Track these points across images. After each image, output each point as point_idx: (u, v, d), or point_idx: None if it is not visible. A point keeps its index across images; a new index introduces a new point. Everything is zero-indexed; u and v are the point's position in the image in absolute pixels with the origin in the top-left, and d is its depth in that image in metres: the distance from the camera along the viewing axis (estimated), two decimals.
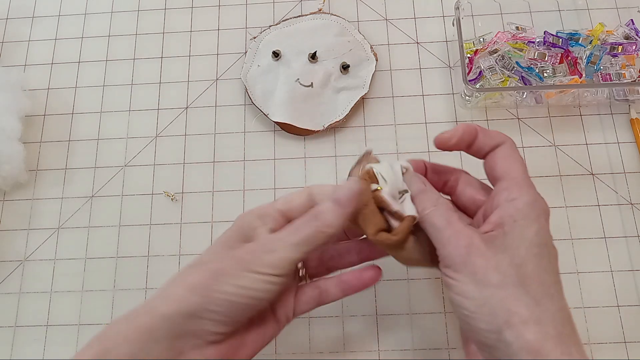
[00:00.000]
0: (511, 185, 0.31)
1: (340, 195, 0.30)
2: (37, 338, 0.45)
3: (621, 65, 0.48)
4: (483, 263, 0.28)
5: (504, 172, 0.31)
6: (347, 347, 0.43)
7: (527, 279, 0.28)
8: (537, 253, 0.29)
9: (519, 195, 0.30)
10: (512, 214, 0.29)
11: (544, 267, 0.29)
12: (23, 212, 0.49)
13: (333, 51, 0.51)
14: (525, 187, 0.30)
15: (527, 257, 0.28)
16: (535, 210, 0.30)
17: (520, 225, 0.29)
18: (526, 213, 0.29)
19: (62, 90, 0.53)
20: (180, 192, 0.49)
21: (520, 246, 0.29)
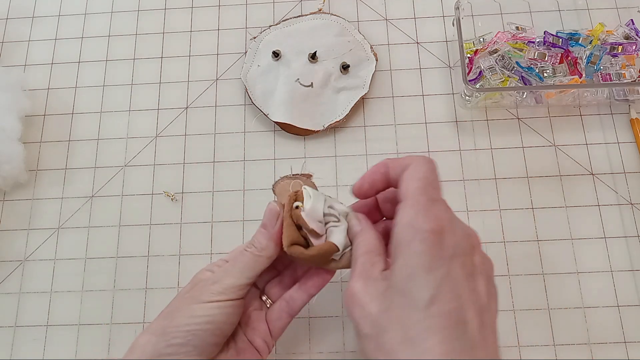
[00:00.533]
0: (399, 208, 0.28)
1: (265, 221, 0.34)
2: (37, 338, 0.45)
3: (621, 65, 0.48)
4: (359, 313, 0.27)
5: (400, 195, 0.29)
6: (347, 347, 0.43)
7: (389, 325, 0.25)
8: (401, 289, 0.25)
9: (399, 220, 0.27)
10: (392, 243, 0.27)
11: (407, 307, 0.25)
12: (23, 212, 0.49)
13: (333, 51, 0.51)
14: (408, 207, 0.27)
15: (392, 298, 0.26)
16: (408, 234, 0.26)
17: (394, 257, 0.27)
18: (399, 240, 0.27)
19: (62, 90, 0.53)
20: (180, 192, 0.49)
21: (389, 285, 0.26)
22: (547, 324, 0.43)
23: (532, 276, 0.45)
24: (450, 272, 0.25)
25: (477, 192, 0.47)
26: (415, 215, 0.27)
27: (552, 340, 0.43)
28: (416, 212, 0.27)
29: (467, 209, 0.47)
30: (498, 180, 0.47)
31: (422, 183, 0.28)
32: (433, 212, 0.27)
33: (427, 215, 0.27)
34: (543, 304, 0.44)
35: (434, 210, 0.27)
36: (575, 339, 0.43)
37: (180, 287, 0.46)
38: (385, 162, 0.32)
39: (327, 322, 0.44)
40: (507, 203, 0.47)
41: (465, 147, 0.49)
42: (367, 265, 0.29)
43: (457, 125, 0.50)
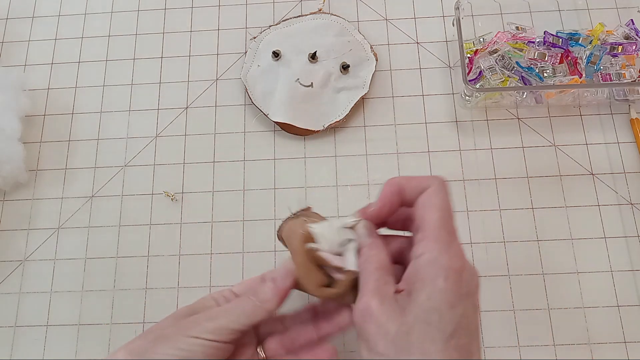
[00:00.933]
0: (421, 239, 0.29)
1: (276, 275, 0.33)
2: (37, 338, 0.45)
3: (621, 65, 0.48)
4: (374, 330, 0.28)
5: (420, 223, 0.30)
6: (347, 347, 0.43)
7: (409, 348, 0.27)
8: (424, 319, 0.27)
9: (423, 252, 0.28)
10: (414, 273, 0.28)
11: (430, 336, 0.27)
12: (23, 212, 0.49)
13: (333, 51, 0.51)
14: (431, 241, 0.29)
15: (414, 324, 0.27)
16: (433, 269, 0.28)
17: (417, 288, 0.28)
18: (424, 274, 0.28)
19: (62, 90, 0.53)
20: (180, 192, 0.49)
21: (411, 312, 0.27)
22: (547, 324, 0.43)
23: (532, 276, 0.45)
24: (465, 310, 0.27)
25: (477, 192, 0.47)
26: (439, 252, 0.28)
27: (552, 340, 0.43)
28: (439, 249, 0.28)
29: (467, 209, 0.47)
30: (498, 180, 0.47)
31: (442, 214, 0.29)
32: (454, 249, 0.28)
33: (449, 253, 0.28)
34: (543, 304, 0.44)
35: (455, 247, 0.29)
36: (575, 339, 0.43)
37: (180, 287, 0.46)
38: (398, 182, 0.31)
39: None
40: (507, 203, 0.47)
41: (465, 147, 0.49)
42: (381, 282, 0.30)
43: (457, 125, 0.50)
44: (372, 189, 0.48)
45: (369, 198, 0.47)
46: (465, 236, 0.46)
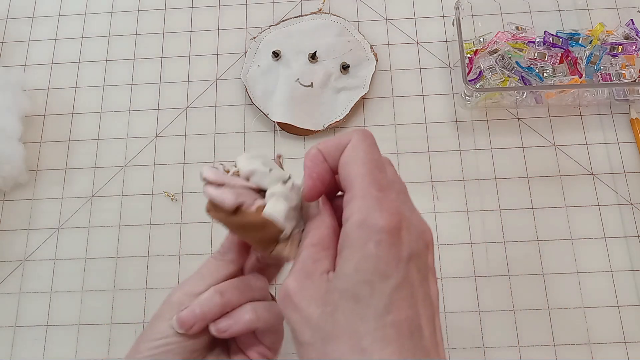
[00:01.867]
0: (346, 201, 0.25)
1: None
2: (37, 338, 0.45)
3: (621, 65, 0.48)
4: (295, 318, 0.24)
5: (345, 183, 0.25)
6: None
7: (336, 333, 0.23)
8: (353, 295, 0.23)
9: (349, 215, 0.24)
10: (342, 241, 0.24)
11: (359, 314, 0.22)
12: (23, 212, 0.49)
13: (333, 51, 0.51)
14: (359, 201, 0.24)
15: (339, 303, 0.23)
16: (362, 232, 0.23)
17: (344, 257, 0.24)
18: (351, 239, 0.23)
19: (62, 90, 0.53)
20: (180, 192, 0.49)
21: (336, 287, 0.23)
22: (547, 324, 0.43)
23: (532, 276, 0.45)
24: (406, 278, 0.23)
25: (477, 192, 0.47)
26: (367, 210, 0.23)
27: (552, 340, 0.43)
28: (368, 207, 0.23)
29: (467, 209, 0.47)
30: (498, 180, 0.47)
31: (367, 168, 0.25)
32: (386, 204, 0.24)
33: (381, 211, 0.23)
34: (543, 304, 0.44)
35: (387, 202, 0.24)
36: (575, 339, 0.43)
37: None
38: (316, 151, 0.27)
39: None
40: (507, 203, 0.47)
41: (465, 147, 0.49)
42: (308, 261, 0.25)
43: (457, 125, 0.50)
44: None
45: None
46: (465, 236, 0.46)
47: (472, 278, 0.45)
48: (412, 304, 0.23)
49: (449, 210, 0.47)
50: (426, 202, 0.47)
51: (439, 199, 0.47)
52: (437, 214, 0.46)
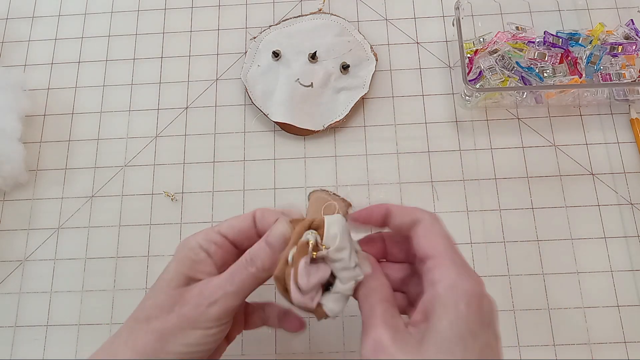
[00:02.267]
0: (432, 267, 0.28)
1: (271, 239, 0.30)
2: (37, 338, 0.45)
3: (621, 65, 0.48)
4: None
5: (427, 252, 0.28)
6: (347, 347, 0.43)
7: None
8: (448, 349, 0.25)
9: (439, 279, 0.27)
10: (431, 301, 0.27)
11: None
12: (23, 212, 0.49)
13: (333, 51, 0.51)
14: (447, 267, 0.27)
15: (435, 355, 0.25)
16: (454, 294, 0.26)
17: (436, 316, 0.26)
18: (444, 300, 0.26)
19: (62, 90, 0.53)
20: (180, 192, 0.49)
21: (432, 341, 0.25)
22: (547, 324, 0.43)
23: (532, 276, 0.45)
24: (489, 340, 0.26)
25: (477, 192, 0.47)
26: (458, 276, 0.27)
27: (552, 340, 0.43)
28: (458, 273, 0.27)
29: (467, 209, 0.47)
30: (498, 180, 0.47)
31: (449, 242, 0.29)
32: (472, 273, 0.27)
33: (469, 277, 0.27)
34: (543, 304, 0.44)
35: (473, 273, 0.27)
36: (575, 339, 0.43)
37: None
38: (388, 207, 0.31)
39: (327, 322, 0.44)
40: (507, 203, 0.47)
41: (465, 147, 0.49)
42: (387, 315, 0.28)
43: (457, 125, 0.50)
44: (372, 189, 0.48)
45: (369, 198, 0.47)
46: (465, 236, 0.46)
47: None
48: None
49: (449, 210, 0.47)
50: (426, 202, 0.47)
51: (439, 199, 0.47)
52: (437, 214, 0.46)
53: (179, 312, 0.30)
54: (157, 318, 0.30)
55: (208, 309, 0.29)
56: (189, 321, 0.29)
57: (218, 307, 0.29)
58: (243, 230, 0.32)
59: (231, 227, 0.32)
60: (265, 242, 0.31)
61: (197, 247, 0.32)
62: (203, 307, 0.29)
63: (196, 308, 0.30)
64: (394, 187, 0.48)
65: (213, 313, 0.29)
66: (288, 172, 0.49)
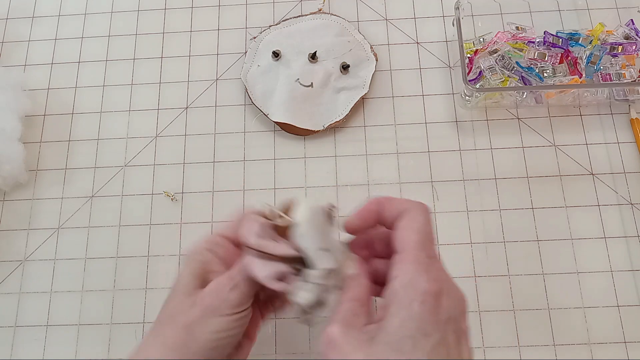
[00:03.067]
0: (396, 262, 0.28)
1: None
2: (37, 338, 0.45)
3: (621, 65, 0.48)
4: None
5: (397, 245, 0.29)
6: None
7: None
8: (396, 348, 0.25)
9: (398, 274, 0.27)
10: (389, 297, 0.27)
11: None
12: (23, 212, 0.49)
13: (333, 51, 0.51)
14: (408, 263, 0.27)
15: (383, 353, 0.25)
16: (408, 292, 0.26)
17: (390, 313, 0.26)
18: (398, 297, 0.26)
19: (62, 90, 0.53)
20: (180, 192, 0.49)
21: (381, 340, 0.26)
22: (547, 324, 0.43)
23: (532, 276, 0.45)
24: (444, 338, 0.26)
25: (477, 192, 0.47)
26: (416, 274, 0.27)
27: (552, 340, 0.43)
28: (416, 270, 0.27)
29: (467, 209, 0.47)
30: (498, 180, 0.47)
31: (421, 237, 0.28)
32: (433, 272, 0.27)
33: (427, 275, 0.27)
34: (543, 304, 0.44)
35: (434, 270, 0.27)
36: (575, 339, 0.43)
37: None
38: (379, 200, 0.31)
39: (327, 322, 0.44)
40: (507, 203, 0.47)
41: (465, 147, 0.49)
42: (349, 313, 0.28)
43: (457, 125, 0.50)
44: (372, 189, 0.48)
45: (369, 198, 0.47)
46: (465, 236, 0.46)
47: (472, 278, 0.45)
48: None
49: (449, 210, 0.47)
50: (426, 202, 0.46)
51: (439, 199, 0.47)
52: (437, 214, 0.46)
53: (201, 303, 0.31)
54: (181, 313, 0.31)
55: (229, 294, 0.31)
56: (212, 309, 0.30)
57: (239, 290, 0.31)
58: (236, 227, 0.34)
59: (227, 228, 0.34)
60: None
61: (202, 250, 0.33)
62: (224, 293, 0.31)
63: (218, 295, 0.31)
64: (394, 187, 0.48)
65: (234, 298, 0.30)
66: (288, 172, 0.49)
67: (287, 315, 0.44)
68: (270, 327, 0.44)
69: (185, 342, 0.30)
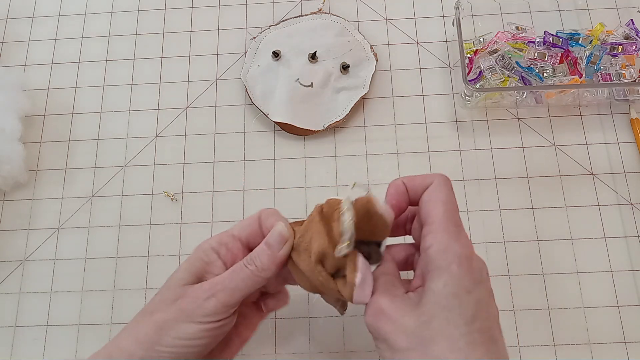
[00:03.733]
0: (428, 232, 0.30)
1: (270, 240, 0.32)
2: (37, 338, 0.45)
3: (621, 65, 0.48)
4: (390, 329, 0.28)
5: (425, 217, 0.30)
6: (347, 347, 0.43)
7: (434, 337, 0.27)
8: (444, 306, 0.27)
9: (432, 243, 0.29)
10: (426, 265, 0.29)
11: (452, 321, 0.27)
12: (23, 212, 0.49)
13: (333, 51, 0.51)
14: (439, 232, 0.29)
15: (433, 313, 0.27)
16: (445, 257, 0.28)
17: (431, 277, 0.28)
18: (437, 263, 0.28)
19: (62, 90, 0.53)
20: (180, 192, 0.49)
21: (429, 301, 0.28)
22: (547, 324, 0.43)
23: (532, 276, 0.45)
24: (482, 296, 0.28)
25: (477, 192, 0.47)
26: (450, 241, 0.29)
27: (552, 340, 0.43)
28: (449, 238, 0.29)
29: (467, 209, 0.47)
30: (498, 180, 0.47)
31: (447, 207, 0.30)
32: (462, 239, 0.29)
33: (459, 241, 0.29)
34: (543, 304, 0.44)
35: (463, 237, 0.29)
36: (575, 339, 0.43)
37: None
38: (401, 182, 0.32)
39: (327, 322, 0.44)
40: (507, 203, 0.47)
41: (465, 147, 0.49)
42: (388, 284, 0.30)
43: (457, 125, 0.50)
44: (372, 189, 0.48)
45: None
46: None
47: None
48: (488, 317, 0.28)
49: None
50: None
51: None
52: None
53: (178, 305, 0.31)
54: (159, 311, 0.31)
55: (204, 303, 0.31)
56: (186, 314, 0.30)
57: (215, 301, 0.31)
58: (253, 231, 0.34)
59: (242, 229, 0.34)
60: (265, 243, 0.32)
61: (209, 249, 0.33)
62: (200, 301, 0.31)
63: (194, 301, 0.31)
64: None
65: (209, 307, 0.30)
66: (288, 172, 0.49)
67: (287, 315, 0.44)
68: (270, 327, 0.44)
69: (154, 340, 0.30)
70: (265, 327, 0.44)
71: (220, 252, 0.33)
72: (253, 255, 0.32)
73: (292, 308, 0.44)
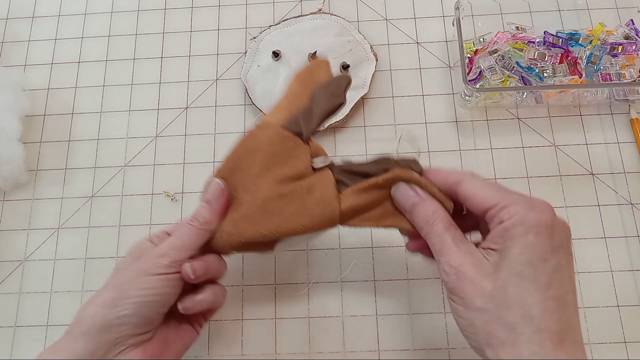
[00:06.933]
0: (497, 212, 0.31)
1: (208, 196, 0.36)
2: (37, 338, 0.45)
3: (621, 65, 0.48)
4: (470, 289, 0.30)
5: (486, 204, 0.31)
6: (347, 347, 0.43)
7: (508, 302, 0.28)
8: (519, 273, 0.29)
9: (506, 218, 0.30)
10: (503, 233, 0.30)
11: (526, 288, 0.28)
12: (23, 212, 0.49)
13: (333, 51, 0.51)
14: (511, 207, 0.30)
15: (509, 279, 0.29)
16: (523, 228, 0.29)
17: (508, 245, 0.30)
18: (515, 232, 0.30)
19: (62, 90, 0.53)
20: (180, 192, 0.49)
21: (504, 267, 0.29)
22: None
23: None
24: (559, 262, 0.29)
25: None
26: (525, 212, 0.30)
27: None
28: (524, 209, 0.30)
29: None
30: (498, 180, 0.47)
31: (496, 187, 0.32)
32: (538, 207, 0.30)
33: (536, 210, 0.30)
34: None
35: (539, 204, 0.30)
36: None
37: None
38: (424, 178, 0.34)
39: (327, 322, 0.44)
40: None
41: (465, 147, 0.49)
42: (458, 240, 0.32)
43: (457, 125, 0.50)
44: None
45: None
46: None
47: None
48: (563, 284, 0.29)
49: None
50: None
51: None
52: None
53: (134, 267, 0.34)
54: (114, 278, 0.35)
55: (159, 260, 0.34)
56: (143, 271, 0.34)
57: (168, 258, 0.34)
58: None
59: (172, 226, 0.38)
60: (204, 200, 0.36)
61: (143, 240, 0.37)
62: (154, 259, 0.34)
63: (149, 260, 0.34)
64: None
65: (163, 262, 0.34)
66: None
67: (287, 315, 0.44)
68: (270, 327, 0.44)
69: (114, 299, 0.33)
70: (266, 327, 0.44)
71: (154, 241, 0.37)
72: (195, 213, 0.35)
73: (292, 308, 0.44)
